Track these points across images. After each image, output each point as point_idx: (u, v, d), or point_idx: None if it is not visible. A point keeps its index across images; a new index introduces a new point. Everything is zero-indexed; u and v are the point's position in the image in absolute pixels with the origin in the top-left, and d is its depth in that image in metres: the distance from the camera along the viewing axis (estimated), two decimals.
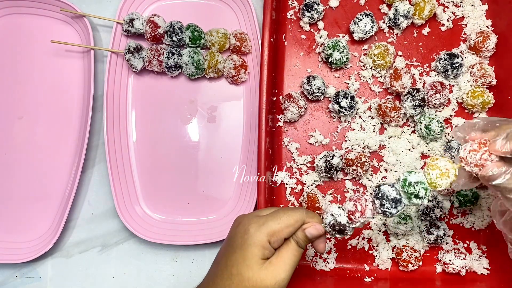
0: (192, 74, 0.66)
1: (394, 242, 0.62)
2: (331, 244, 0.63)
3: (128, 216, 0.65)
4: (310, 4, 0.64)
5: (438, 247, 0.63)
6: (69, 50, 0.70)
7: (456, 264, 0.60)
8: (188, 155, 0.68)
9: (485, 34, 0.63)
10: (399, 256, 0.61)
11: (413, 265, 0.61)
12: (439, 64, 0.63)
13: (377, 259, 0.63)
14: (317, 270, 0.62)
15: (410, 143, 0.63)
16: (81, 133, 0.68)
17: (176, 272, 0.66)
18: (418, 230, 0.62)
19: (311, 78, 0.63)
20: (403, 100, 0.62)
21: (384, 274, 0.62)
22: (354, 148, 0.63)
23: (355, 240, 0.63)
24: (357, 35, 0.64)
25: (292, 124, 0.66)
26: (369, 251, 0.63)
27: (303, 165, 0.64)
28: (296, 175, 0.64)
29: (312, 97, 0.64)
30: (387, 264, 0.62)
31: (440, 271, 0.62)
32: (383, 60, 0.63)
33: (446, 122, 0.64)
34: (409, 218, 0.60)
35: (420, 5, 0.63)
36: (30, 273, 0.67)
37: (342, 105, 0.62)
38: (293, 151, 0.65)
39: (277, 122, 0.65)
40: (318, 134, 0.64)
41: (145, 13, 0.70)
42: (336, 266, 0.63)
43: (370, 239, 0.63)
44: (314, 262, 0.63)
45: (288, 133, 0.65)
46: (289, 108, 0.63)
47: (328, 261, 0.63)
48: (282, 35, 0.67)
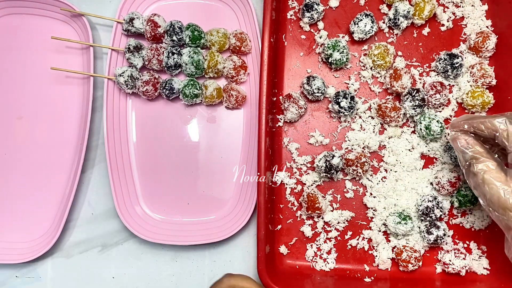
0: (192, 74, 0.66)
1: (394, 242, 0.63)
2: (331, 244, 0.63)
3: (128, 216, 0.65)
4: (310, 4, 0.64)
5: (438, 247, 0.63)
6: (69, 47, 0.70)
7: (456, 264, 0.60)
8: (188, 155, 0.68)
9: (485, 34, 0.63)
10: (399, 256, 0.61)
11: (413, 265, 0.61)
12: (439, 64, 0.63)
13: (377, 259, 0.63)
14: (317, 270, 0.63)
15: (410, 143, 0.64)
16: (80, 133, 0.68)
17: (176, 272, 0.66)
18: (418, 230, 0.62)
19: (311, 78, 0.63)
20: (403, 100, 0.62)
21: (384, 274, 0.62)
22: (354, 148, 0.63)
23: (355, 240, 0.63)
24: (357, 35, 0.64)
25: (292, 124, 0.66)
26: (369, 251, 0.63)
27: (303, 165, 0.64)
28: (296, 175, 0.64)
29: (312, 97, 0.64)
30: (387, 264, 0.62)
31: (440, 271, 0.62)
32: (383, 60, 0.63)
33: (446, 122, 0.64)
34: (409, 218, 0.60)
35: (420, 5, 0.63)
36: (30, 273, 0.67)
37: (342, 105, 0.62)
38: (293, 151, 0.65)
39: (277, 122, 0.65)
40: (318, 134, 0.65)
41: (145, 12, 0.70)
42: (336, 266, 0.63)
43: (370, 239, 0.63)
44: (314, 262, 0.63)
45: (288, 133, 0.65)
46: (289, 108, 0.63)
47: (328, 261, 0.63)
48: (282, 35, 0.67)
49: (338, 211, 0.63)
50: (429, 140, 0.63)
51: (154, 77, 0.65)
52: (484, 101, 0.62)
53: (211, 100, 0.65)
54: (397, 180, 0.63)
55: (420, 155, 0.63)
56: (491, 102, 0.63)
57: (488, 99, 0.62)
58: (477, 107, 0.63)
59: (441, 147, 0.63)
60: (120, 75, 0.65)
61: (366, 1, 0.67)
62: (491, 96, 0.63)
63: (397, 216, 0.61)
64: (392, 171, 0.63)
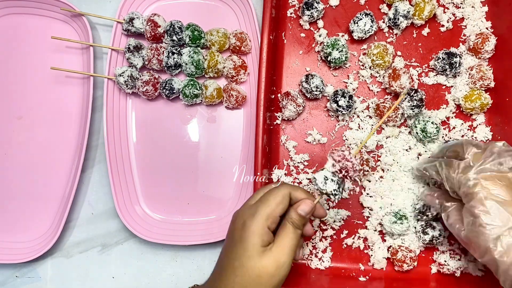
0: (192, 73, 0.66)
1: (390, 242, 0.63)
2: (326, 243, 0.63)
3: (128, 216, 0.65)
4: (310, 2, 0.64)
5: (434, 248, 0.63)
6: (69, 47, 0.70)
7: (451, 265, 0.61)
8: (188, 155, 0.68)
9: (484, 36, 0.63)
10: (394, 256, 0.61)
11: (408, 265, 0.61)
12: (438, 63, 0.63)
13: (372, 258, 0.63)
14: (312, 268, 0.63)
15: (407, 143, 0.64)
16: (80, 133, 0.68)
17: (176, 272, 0.66)
18: (414, 230, 0.62)
19: (309, 76, 0.63)
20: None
21: (379, 274, 0.62)
22: (351, 147, 0.63)
23: (350, 239, 0.63)
24: (357, 35, 0.64)
25: (290, 122, 0.66)
26: (365, 250, 0.63)
27: (300, 163, 0.64)
28: (293, 173, 0.64)
29: (311, 95, 0.64)
30: (382, 264, 0.62)
31: (435, 271, 0.62)
32: (382, 60, 0.63)
33: (443, 123, 0.64)
34: (404, 218, 0.60)
35: (420, 5, 0.63)
36: (30, 273, 0.67)
37: (340, 104, 0.62)
38: (290, 149, 0.65)
39: (275, 120, 0.65)
40: (315, 133, 0.65)
41: (145, 12, 0.70)
42: (331, 265, 0.63)
43: (365, 239, 0.63)
44: (309, 260, 0.63)
45: (286, 131, 0.66)
46: (287, 106, 0.63)
47: (323, 260, 0.63)
48: (282, 33, 0.67)
49: (334, 210, 0.63)
50: (426, 142, 0.63)
51: (154, 77, 0.65)
52: (482, 103, 0.62)
53: (211, 100, 0.66)
54: (393, 180, 0.63)
55: (417, 155, 0.63)
56: (489, 103, 0.63)
57: (486, 101, 0.62)
58: (476, 109, 0.63)
59: (438, 148, 0.63)
60: (120, 75, 0.65)
61: (366, 0, 0.67)
62: (488, 97, 0.63)
63: (393, 215, 0.61)
64: (389, 171, 0.63)
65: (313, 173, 0.63)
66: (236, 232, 0.47)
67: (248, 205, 0.49)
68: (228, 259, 0.46)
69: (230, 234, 0.48)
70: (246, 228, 0.46)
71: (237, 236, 0.46)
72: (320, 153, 0.65)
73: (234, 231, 0.47)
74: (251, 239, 0.45)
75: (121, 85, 0.65)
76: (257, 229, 0.45)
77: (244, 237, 0.45)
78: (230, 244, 0.47)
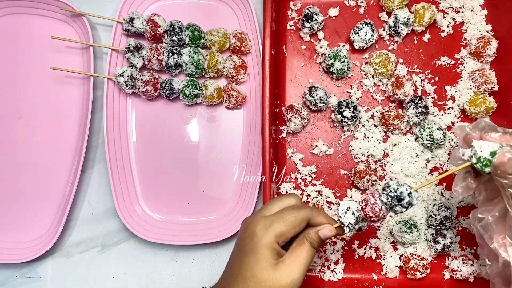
0: (192, 74, 0.66)
1: (402, 251, 0.62)
2: (338, 254, 0.63)
3: (128, 216, 0.65)
4: (310, 14, 0.64)
5: (446, 254, 0.62)
6: (69, 47, 0.70)
7: (464, 270, 0.60)
8: (188, 155, 0.68)
9: (485, 39, 0.62)
10: (407, 265, 0.61)
11: (421, 273, 0.60)
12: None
13: (385, 267, 0.62)
14: (325, 280, 0.62)
15: (414, 150, 0.63)
16: (80, 133, 0.68)
17: (176, 272, 0.66)
18: (425, 239, 0.62)
19: (313, 88, 0.62)
20: (405, 108, 0.62)
21: (392, 283, 0.62)
22: (358, 157, 0.63)
23: (362, 249, 0.63)
24: (358, 44, 0.64)
25: (295, 135, 0.65)
26: (377, 260, 0.63)
27: (308, 175, 0.64)
28: (301, 186, 0.64)
29: (315, 107, 0.64)
30: (395, 273, 0.62)
31: (448, 277, 0.62)
32: (385, 69, 0.63)
33: (449, 129, 0.63)
34: (414, 227, 0.60)
35: (420, 12, 0.63)
36: (30, 273, 0.67)
37: (345, 115, 0.61)
38: (297, 162, 0.64)
39: (280, 133, 0.65)
40: (321, 144, 0.64)
41: (145, 12, 0.70)
42: (344, 276, 0.62)
43: (377, 248, 0.63)
44: (322, 273, 0.62)
45: (292, 144, 0.65)
46: (292, 119, 0.63)
47: (336, 271, 0.62)
48: (283, 46, 0.66)
49: None
50: (434, 148, 0.63)
51: (154, 77, 0.65)
52: (487, 107, 0.62)
53: (211, 100, 0.65)
54: None
55: (426, 162, 0.63)
56: (494, 107, 0.62)
57: (491, 105, 0.62)
58: (481, 113, 0.62)
59: (445, 153, 0.63)
60: (120, 75, 0.65)
61: (366, 9, 0.67)
62: (493, 101, 0.62)
63: (402, 224, 0.60)
64: (397, 179, 0.62)
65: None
66: (247, 241, 0.46)
67: (262, 215, 0.48)
68: (239, 268, 0.46)
69: (241, 242, 0.48)
70: (258, 240, 0.45)
71: (248, 245, 0.46)
72: (327, 164, 0.64)
73: (245, 240, 0.47)
74: (263, 251, 0.45)
75: (121, 85, 0.65)
76: (269, 242, 0.45)
77: (256, 248, 0.45)
78: (241, 253, 0.47)
